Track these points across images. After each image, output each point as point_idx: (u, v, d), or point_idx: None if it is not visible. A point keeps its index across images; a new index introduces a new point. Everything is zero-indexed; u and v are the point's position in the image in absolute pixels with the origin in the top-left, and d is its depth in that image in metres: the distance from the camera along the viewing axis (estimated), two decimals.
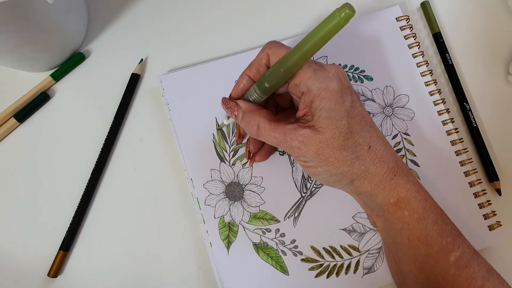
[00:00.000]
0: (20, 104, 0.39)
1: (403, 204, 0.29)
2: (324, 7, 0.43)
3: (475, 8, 0.44)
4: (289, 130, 0.29)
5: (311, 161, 0.29)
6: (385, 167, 0.29)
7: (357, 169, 0.29)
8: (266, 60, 0.30)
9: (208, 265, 0.37)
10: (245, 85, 0.32)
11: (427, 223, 0.29)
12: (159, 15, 0.43)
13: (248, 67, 0.32)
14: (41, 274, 0.37)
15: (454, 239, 0.30)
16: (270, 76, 0.29)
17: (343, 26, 0.24)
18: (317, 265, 0.36)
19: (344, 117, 0.28)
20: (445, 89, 0.42)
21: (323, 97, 0.28)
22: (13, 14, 0.30)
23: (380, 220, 0.32)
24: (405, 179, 0.30)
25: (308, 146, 0.28)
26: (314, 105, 0.28)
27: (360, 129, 0.29)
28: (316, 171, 0.30)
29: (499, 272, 0.30)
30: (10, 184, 0.39)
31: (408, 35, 0.41)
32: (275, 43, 0.30)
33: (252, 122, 0.30)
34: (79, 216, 0.37)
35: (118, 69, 0.41)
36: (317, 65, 0.29)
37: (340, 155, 0.28)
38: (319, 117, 0.28)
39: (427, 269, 0.29)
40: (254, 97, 0.31)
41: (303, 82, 0.28)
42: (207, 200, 0.37)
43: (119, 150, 0.40)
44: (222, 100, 0.33)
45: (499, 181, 0.40)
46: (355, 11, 0.23)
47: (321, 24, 0.25)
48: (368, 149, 0.29)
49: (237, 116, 0.32)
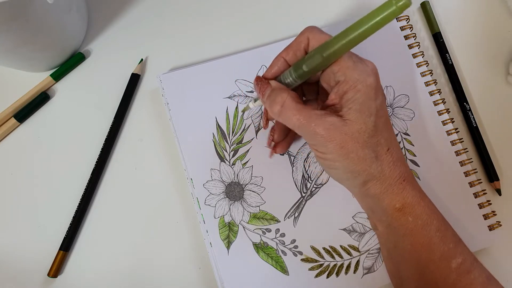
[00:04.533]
0: (20, 104, 0.39)
1: (408, 209, 0.29)
2: (324, 7, 0.43)
3: (475, 8, 0.44)
4: (316, 115, 0.28)
5: (331, 153, 0.28)
6: (398, 171, 0.29)
7: (374, 169, 0.28)
8: (305, 45, 0.29)
9: (208, 265, 0.37)
10: (280, 68, 0.31)
11: (430, 229, 0.29)
12: (159, 15, 0.43)
13: (285, 49, 0.31)
14: (41, 274, 0.37)
15: (455, 246, 0.30)
16: (309, 60, 0.28)
17: (397, 16, 0.23)
18: (317, 265, 0.36)
19: (373, 114, 0.28)
20: (445, 89, 0.42)
21: (358, 89, 0.27)
22: (13, 14, 0.29)
23: (382, 225, 0.32)
24: (411, 185, 0.30)
25: (332, 136, 0.27)
26: (347, 96, 0.27)
27: (384, 129, 0.29)
28: (333, 165, 0.29)
29: (499, 272, 0.30)
30: (10, 184, 0.39)
31: (408, 35, 0.41)
32: (316, 28, 0.29)
33: (278, 99, 0.29)
34: (79, 216, 0.37)
35: (118, 69, 0.41)
36: (357, 57, 0.28)
37: (361, 152, 0.28)
38: (350, 108, 0.27)
39: (428, 275, 0.29)
40: (289, 81, 0.30)
41: (341, 71, 0.27)
42: (207, 200, 0.37)
43: (119, 150, 0.40)
44: (255, 79, 0.31)
45: (499, 181, 0.40)
46: (411, 2, 0.22)
47: (373, 12, 0.24)
48: (386, 150, 0.29)
49: (264, 94, 0.30)
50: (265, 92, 0.30)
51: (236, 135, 0.38)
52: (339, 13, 0.43)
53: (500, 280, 0.30)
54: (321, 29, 0.29)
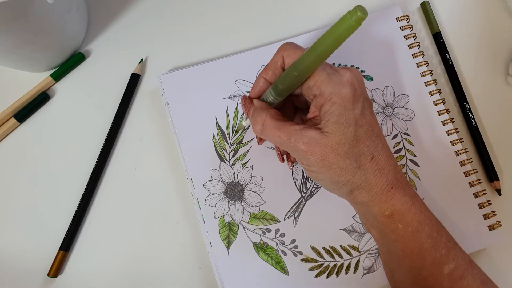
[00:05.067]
0: (20, 104, 0.39)
1: (397, 217, 0.29)
2: (324, 7, 0.43)
3: (475, 8, 0.44)
4: (295, 130, 0.28)
5: (314, 165, 0.29)
6: (384, 179, 0.29)
7: (358, 179, 0.29)
8: (281, 62, 0.30)
9: (208, 265, 0.37)
10: (262, 87, 0.32)
11: (421, 236, 0.29)
12: (159, 15, 0.43)
13: (264, 69, 0.32)
14: (41, 274, 0.37)
15: (448, 251, 0.29)
16: (284, 79, 0.29)
17: (355, 29, 0.23)
18: (317, 265, 0.36)
19: (351, 124, 0.28)
20: (445, 89, 0.43)
21: (333, 101, 0.28)
22: (13, 14, 0.29)
23: (375, 230, 0.32)
24: (401, 192, 0.29)
25: (313, 149, 0.28)
26: (324, 109, 0.28)
27: (366, 138, 0.29)
28: (318, 176, 0.30)
29: (499, 272, 0.30)
30: (10, 184, 0.39)
31: (408, 35, 0.41)
32: (290, 44, 0.30)
33: (258, 119, 0.30)
34: (79, 216, 0.37)
35: (118, 69, 0.41)
36: (332, 69, 0.29)
37: (343, 163, 0.28)
38: (327, 121, 0.28)
39: (421, 281, 0.30)
40: (270, 99, 0.31)
41: (316, 85, 0.28)
42: (207, 200, 0.37)
43: (119, 150, 0.40)
44: (242, 98, 0.33)
45: (499, 181, 0.40)
46: (367, 13, 0.22)
47: (333, 27, 0.24)
48: (370, 159, 0.29)
49: (249, 114, 0.32)
50: (249, 111, 0.32)
51: (236, 135, 0.38)
52: (339, 13, 0.43)
53: (500, 280, 0.30)
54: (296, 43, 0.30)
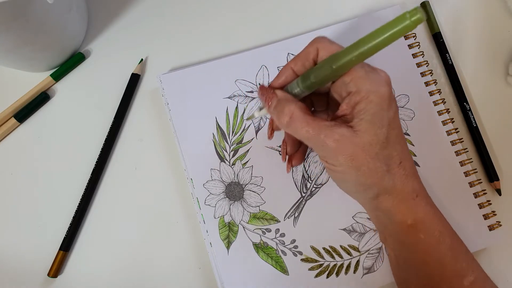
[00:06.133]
0: (20, 104, 0.39)
1: (420, 226, 0.28)
2: (324, 7, 0.43)
3: (475, 8, 0.44)
4: (325, 126, 0.27)
5: (341, 165, 0.27)
6: (410, 185, 0.28)
7: (386, 183, 0.27)
8: (315, 55, 0.28)
9: (208, 265, 0.37)
10: (287, 77, 0.30)
11: (442, 247, 0.28)
12: (159, 15, 0.43)
13: (294, 59, 0.30)
14: (41, 274, 0.37)
15: (468, 264, 0.29)
16: (318, 71, 0.27)
17: (411, 30, 0.22)
18: (317, 265, 0.36)
19: (385, 125, 0.27)
20: (445, 89, 0.42)
21: (371, 100, 0.26)
22: (13, 14, 0.29)
23: (393, 240, 0.31)
24: (425, 201, 0.29)
25: (343, 147, 0.27)
26: (359, 107, 0.27)
27: (397, 142, 0.28)
28: (343, 177, 0.28)
29: (499, 272, 0.30)
30: (10, 184, 0.39)
31: (408, 35, 0.41)
32: (326, 38, 0.28)
33: (285, 110, 0.28)
34: (79, 216, 0.37)
35: (118, 69, 0.41)
36: (369, 67, 0.27)
37: (373, 164, 0.27)
38: (361, 119, 0.26)
39: None
40: (296, 92, 0.29)
41: (353, 82, 0.27)
42: (207, 200, 0.37)
43: (119, 150, 0.40)
44: (260, 88, 0.31)
45: (499, 181, 0.40)
46: (426, 17, 0.22)
47: (387, 25, 0.23)
48: (399, 163, 0.28)
49: (271, 105, 0.30)
50: (271, 102, 0.30)
51: (236, 135, 0.38)
52: (339, 13, 0.43)
53: (500, 280, 0.30)
54: (331, 39, 0.28)
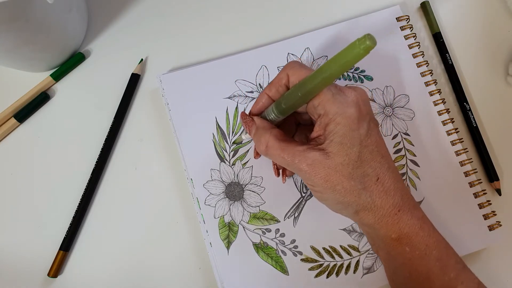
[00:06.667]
0: (20, 104, 0.39)
1: (405, 240, 0.29)
2: (324, 7, 0.43)
3: (475, 8, 0.44)
4: (298, 151, 0.28)
5: (318, 186, 0.29)
6: (391, 201, 0.29)
7: (363, 200, 0.28)
8: (286, 81, 0.30)
9: (208, 265, 0.37)
10: (264, 103, 0.32)
11: (429, 260, 0.29)
12: (159, 15, 0.43)
13: (268, 86, 0.32)
14: (41, 274, 0.37)
15: (458, 274, 0.29)
16: (288, 98, 0.29)
17: (363, 57, 0.23)
18: (317, 265, 0.36)
19: (356, 144, 0.28)
20: (445, 89, 0.42)
21: (338, 122, 0.28)
22: (13, 14, 0.29)
23: (382, 252, 0.31)
24: (409, 214, 0.29)
25: (316, 171, 0.28)
26: (329, 129, 0.28)
27: (371, 159, 0.28)
28: (323, 197, 0.29)
29: (499, 272, 0.30)
30: (10, 184, 0.39)
31: (408, 35, 0.41)
32: (296, 63, 0.30)
33: (262, 140, 0.30)
34: (79, 216, 0.37)
35: (118, 69, 0.41)
36: (337, 89, 0.29)
37: (347, 184, 0.28)
38: (331, 141, 0.28)
39: None
40: (272, 117, 0.31)
41: (321, 105, 0.28)
42: (207, 200, 0.37)
43: (119, 150, 0.40)
44: (241, 115, 0.34)
45: (499, 181, 0.40)
46: (376, 43, 0.22)
47: (341, 53, 0.24)
48: (376, 180, 0.28)
49: (251, 132, 0.32)
50: (251, 129, 0.32)
51: (236, 135, 0.38)
52: (339, 13, 0.43)
53: (500, 281, 0.30)
54: (302, 63, 0.31)
